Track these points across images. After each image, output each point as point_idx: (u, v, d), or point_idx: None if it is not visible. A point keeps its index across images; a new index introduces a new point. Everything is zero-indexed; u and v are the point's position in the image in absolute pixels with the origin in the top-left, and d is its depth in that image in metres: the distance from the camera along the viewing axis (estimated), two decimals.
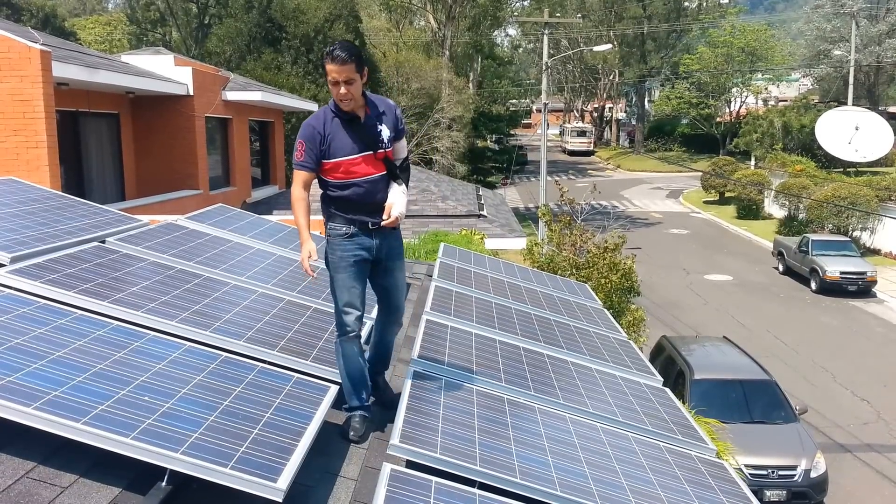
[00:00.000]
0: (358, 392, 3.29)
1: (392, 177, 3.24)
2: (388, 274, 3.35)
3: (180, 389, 2.85)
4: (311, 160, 3.15)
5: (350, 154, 3.14)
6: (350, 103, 3.10)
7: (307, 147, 3.14)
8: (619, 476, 3.18)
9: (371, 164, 3.17)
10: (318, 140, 3.13)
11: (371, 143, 3.16)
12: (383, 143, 3.18)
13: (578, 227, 12.99)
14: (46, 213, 4.77)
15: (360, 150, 3.14)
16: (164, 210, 10.81)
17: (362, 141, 3.14)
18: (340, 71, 3.01)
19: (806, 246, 21.26)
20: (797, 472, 9.29)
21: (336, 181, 3.17)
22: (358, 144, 3.14)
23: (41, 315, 3.12)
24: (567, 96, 67.27)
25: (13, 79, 9.08)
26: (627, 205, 35.59)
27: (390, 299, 3.42)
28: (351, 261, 3.20)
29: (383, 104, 3.26)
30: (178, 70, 13.71)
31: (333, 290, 3.25)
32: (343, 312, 3.21)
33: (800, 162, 31.24)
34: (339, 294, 3.22)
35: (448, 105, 31.28)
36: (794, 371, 14.15)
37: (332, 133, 3.13)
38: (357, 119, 3.16)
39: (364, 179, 3.17)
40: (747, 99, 48.45)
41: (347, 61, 3.00)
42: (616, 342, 5.41)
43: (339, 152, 3.13)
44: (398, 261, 3.37)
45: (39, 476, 2.38)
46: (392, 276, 3.37)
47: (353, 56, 3.01)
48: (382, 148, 3.18)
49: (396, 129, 3.25)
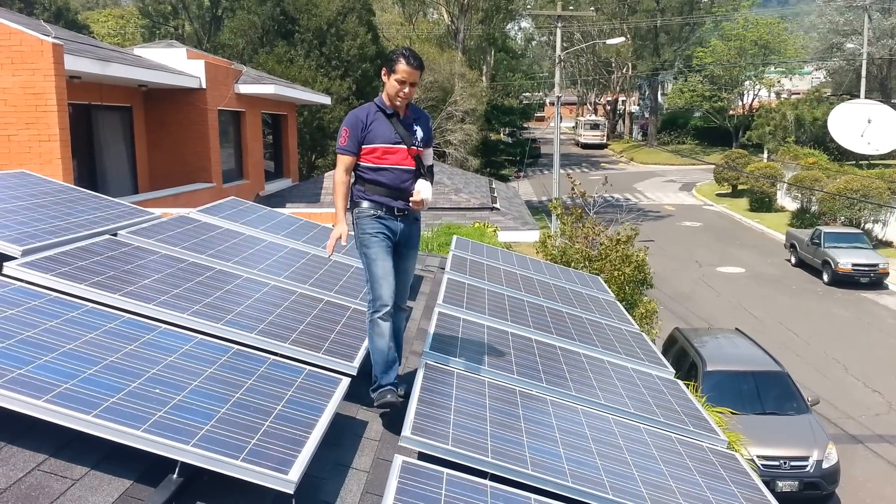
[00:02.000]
0: (387, 371, 3.39)
1: (419, 174, 3.53)
2: (402, 259, 3.56)
3: (191, 382, 2.85)
4: (353, 145, 3.44)
5: (387, 142, 3.44)
6: (405, 102, 3.47)
7: (350, 133, 3.44)
8: (631, 467, 3.16)
9: (404, 156, 3.46)
10: (360, 127, 3.44)
11: (407, 137, 3.46)
12: (417, 141, 3.49)
13: (591, 219, 12.93)
14: (58, 207, 4.79)
15: (397, 141, 3.45)
16: (176, 203, 10.85)
17: (400, 134, 3.46)
18: (412, 74, 3.41)
19: (818, 238, 21.11)
20: (809, 463, 9.25)
21: (372, 165, 3.44)
22: (395, 136, 3.45)
23: (52, 308, 3.13)
24: (580, 89, 66.93)
25: (25, 72, 9.12)
26: (640, 197, 35.41)
27: (399, 283, 3.54)
28: (376, 239, 3.44)
29: (420, 112, 3.63)
30: (191, 63, 13.73)
31: (367, 265, 3.45)
32: (378, 285, 3.40)
33: (812, 154, 30.95)
34: (373, 268, 3.42)
35: (461, 98, 31.18)
36: (807, 363, 14.06)
37: (373, 122, 3.45)
38: (398, 115, 3.49)
39: (397, 167, 3.45)
40: (760, 92, 47.97)
41: (420, 68, 3.44)
42: (628, 334, 5.38)
43: (379, 139, 3.43)
44: (413, 249, 3.62)
45: (50, 468, 2.39)
46: (405, 261, 3.59)
47: (422, 65, 3.47)
48: (416, 145, 3.48)
49: (428, 135, 3.58)
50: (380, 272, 3.40)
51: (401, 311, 3.61)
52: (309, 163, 24.12)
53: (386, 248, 3.45)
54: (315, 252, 5.35)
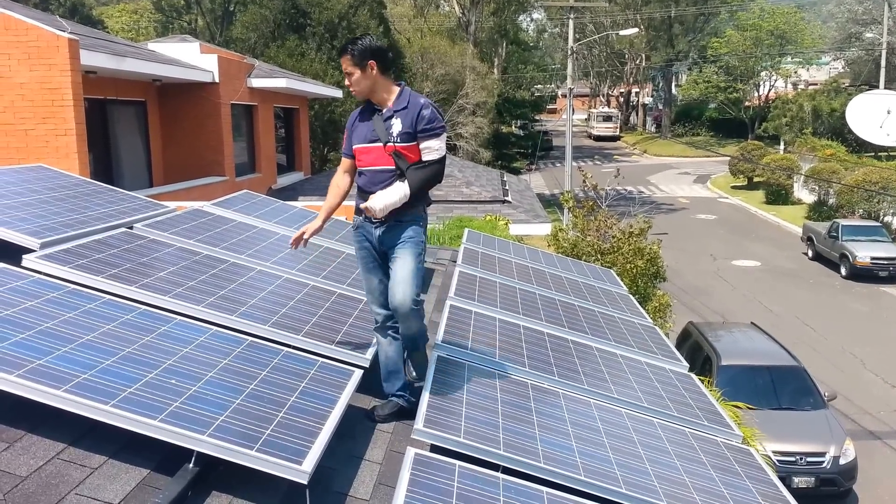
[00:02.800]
0: (389, 382, 3.38)
1: (402, 174, 3.17)
2: (390, 262, 3.26)
3: (207, 373, 2.88)
4: (346, 146, 3.34)
5: (363, 142, 3.24)
6: (358, 93, 3.23)
7: (346, 134, 3.34)
8: (644, 461, 3.16)
9: (379, 155, 3.19)
10: (350, 127, 3.32)
11: (383, 133, 3.18)
12: (392, 136, 3.16)
13: (603, 212, 12.88)
14: (75, 200, 4.84)
15: (372, 139, 3.20)
16: (190, 196, 10.92)
17: (375, 131, 3.20)
18: (343, 63, 3.19)
19: (836, 231, 20.90)
20: (826, 458, 9.19)
21: (358, 168, 3.30)
22: (370, 133, 3.22)
23: (70, 299, 3.17)
24: (593, 81, 66.54)
25: (42, 67, 9.20)
26: (654, 190, 35.21)
27: (391, 285, 3.24)
28: (360, 253, 3.33)
29: (409, 101, 3.21)
30: (204, 58, 13.79)
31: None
32: (368, 301, 3.40)
33: (830, 146, 30.63)
34: (364, 283, 3.37)
35: (472, 91, 31.11)
36: (823, 357, 13.96)
37: (358, 121, 3.29)
38: (378, 111, 3.24)
39: (369, 169, 3.23)
40: (776, 83, 47.51)
41: (343, 53, 3.18)
42: (641, 328, 5.37)
43: (356, 139, 3.27)
44: (400, 250, 3.22)
45: (70, 457, 2.43)
46: (394, 264, 3.23)
47: (349, 50, 3.15)
48: (391, 141, 3.16)
49: (414, 126, 3.16)
50: (365, 288, 3.37)
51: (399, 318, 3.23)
52: (321, 156, 24.18)
53: (368, 262, 3.29)
54: (327, 245, 5.38)
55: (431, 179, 3.25)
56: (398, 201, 3.15)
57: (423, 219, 3.32)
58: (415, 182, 3.17)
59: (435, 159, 3.22)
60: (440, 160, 3.24)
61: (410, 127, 3.17)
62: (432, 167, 3.22)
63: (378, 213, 3.13)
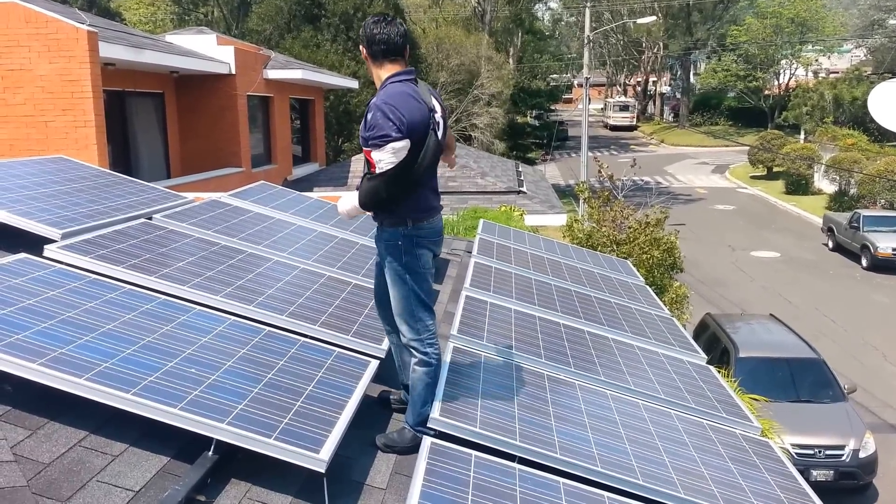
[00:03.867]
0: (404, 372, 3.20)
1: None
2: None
3: (225, 362, 2.91)
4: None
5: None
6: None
7: None
8: (662, 453, 3.15)
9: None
10: None
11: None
12: (361, 139, 2.79)
13: (619, 202, 12.80)
14: (95, 191, 4.89)
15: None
16: (207, 187, 10.99)
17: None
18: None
19: (857, 222, 20.64)
20: (845, 452, 9.10)
21: None
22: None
23: (91, 289, 3.21)
24: (609, 70, 65.98)
25: (62, 59, 9.28)
26: (671, 180, 34.93)
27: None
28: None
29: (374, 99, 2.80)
30: (221, 49, 13.85)
31: None
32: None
33: (851, 135, 30.20)
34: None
35: (487, 81, 30.97)
36: (844, 350, 13.81)
37: None
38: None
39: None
40: (797, 71, 46.84)
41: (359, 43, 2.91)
42: (658, 319, 5.34)
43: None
44: (382, 266, 3.00)
45: (91, 445, 2.46)
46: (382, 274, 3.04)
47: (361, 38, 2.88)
48: (363, 145, 2.78)
49: (365, 131, 2.74)
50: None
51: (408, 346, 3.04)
52: (336, 147, 24.23)
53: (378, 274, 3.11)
54: (343, 236, 5.39)
55: (372, 195, 2.79)
56: (352, 210, 2.90)
57: (400, 236, 2.87)
58: (360, 194, 2.84)
59: (374, 173, 2.75)
60: (381, 175, 2.73)
61: (363, 130, 2.77)
62: (372, 182, 2.77)
63: (343, 216, 2.97)
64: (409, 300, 2.93)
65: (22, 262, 3.27)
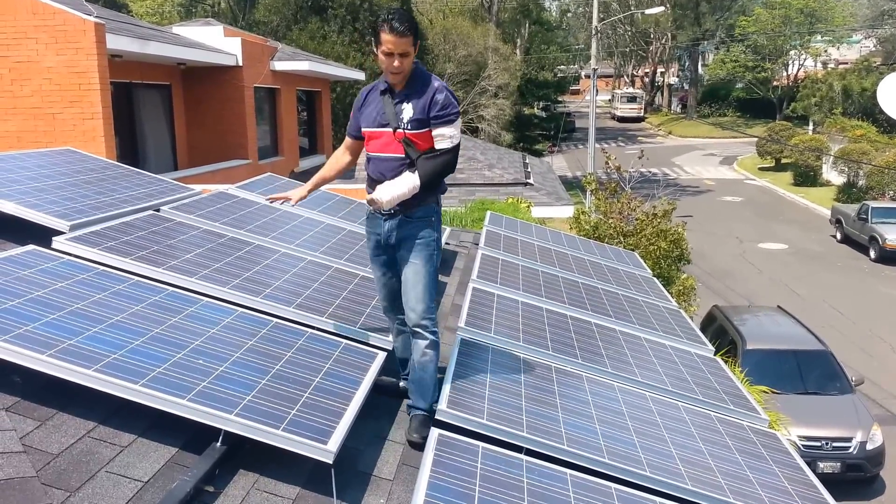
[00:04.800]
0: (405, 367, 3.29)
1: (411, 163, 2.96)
2: (399, 265, 3.06)
3: (233, 353, 2.92)
4: (352, 126, 3.18)
5: (371, 125, 3.03)
6: (400, 77, 2.96)
7: (352, 113, 3.17)
8: (669, 445, 3.15)
9: (388, 141, 2.97)
10: (357, 107, 3.12)
11: (393, 118, 2.96)
12: (402, 122, 2.93)
13: (626, 194, 12.77)
14: (103, 183, 4.90)
15: (381, 123, 2.99)
16: (214, 179, 11.01)
17: (385, 115, 2.98)
18: (399, 43, 2.86)
19: (865, 213, 20.54)
20: (852, 444, 9.08)
21: (366, 153, 3.14)
22: (380, 117, 2.99)
23: (100, 281, 3.22)
24: (617, 61, 65.66)
25: (69, 51, 9.29)
26: (679, 172, 34.79)
27: (403, 292, 3.05)
28: (368, 243, 3.17)
29: (422, 83, 2.98)
30: (228, 41, 13.84)
31: None
32: (382, 306, 3.29)
33: (860, 127, 29.98)
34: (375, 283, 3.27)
35: (494, 72, 30.87)
36: (851, 342, 13.76)
37: (368, 102, 3.08)
38: (391, 92, 3.01)
39: (377, 155, 3.02)
40: (806, 62, 46.47)
41: (406, 34, 2.85)
42: (666, 311, 5.33)
43: (365, 122, 3.07)
44: (410, 253, 3.01)
45: (100, 435, 2.47)
46: (403, 269, 3.03)
47: (412, 29, 2.88)
48: (402, 127, 2.93)
49: (425, 113, 2.93)
50: (377, 286, 3.24)
51: (414, 333, 3.03)
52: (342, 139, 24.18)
53: (374, 254, 3.14)
54: (350, 228, 5.39)
55: (443, 170, 2.99)
56: (407, 193, 2.93)
57: (436, 212, 3.08)
58: (425, 173, 2.94)
59: (448, 148, 2.97)
60: (454, 149, 2.99)
61: (422, 113, 2.94)
62: (444, 157, 2.97)
63: (385, 206, 2.93)
64: (433, 277, 3.05)
65: (31, 254, 3.28)
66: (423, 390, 3.04)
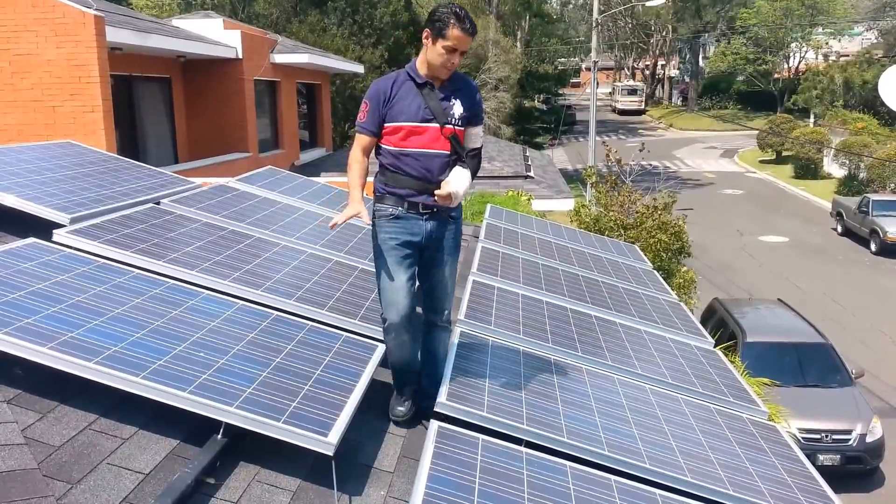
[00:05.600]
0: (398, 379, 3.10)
1: (458, 160, 2.92)
2: (435, 266, 2.98)
3: (234, 346, 2.92)
4: (373, 122, 2.89)
5: (413, 120, 2.85)
6: (449, 74, 2.90)
7: (371, 108, 2.88)
8: (668, 437, 3.15)
9: (434, 137, 2.86)
10: (382, 100, 2.87)
11: (440, 114, 2.85)
12: (453, 118, 2.87)
13: (626, 187, 12.76)
14: (103, 176, 4.90)
15: (426, 118, 2.85)
16: (214, 172, 10.99)
17: (431, 109, 2.86)
18: (465, 41, 2.80)
19: (866, 206, 20.52)
20: (852, 436, 9.10)
21: (393, 148, 2.88)
22: (424, 111, 2.86)
23: (100, 274, 3.22)
24: (618, 54, 65.52)
25: (69, 44, 9.27)
26: (679, 165, 34.75)
27: (433, 296, 3.03)
28: (393, 244, 2.89)
29: (463, 81, 2.99)
30: (228, 34, 13.81)
31: (376, 275, 2.99)
32: (384, 299, 2.95)
33: (861, 119, 29.92)
34: (381, 285, 2.95)
35: (495, 65, 30.79)
36: (852, 335, 13.77)
37: (399, 95, 2.88)
38: (431, 86, 2.89)
39: (422, 152, 2.86)
40: (807, 54, 46.37)
41: (475, 33, 2.84)
42: (666, 304, 5.33)
43: (402, 115, 2.86)
44: (448, 254, 2.98)
45: (101, 428, 2.48)
46: (440, 270, 2.98)
47: (476, 29, 2.90)
48: (451, 123, 2.87)
49: (472, 110, 2.94)
50: (387, 285, 2.91)
51: (437, 330, 3.10)
52: (342, 132, 24.18)
53: (402, 258, 2.89)
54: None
55: (479, 168, 3.05)
56: (468, 189, 2.92)
57: (461, 209, 3.08)
58: (474, 170, 2.96)
59: (480, 147, 3.03)
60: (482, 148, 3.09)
61: (469, 110, 2.92)
62: (480, 155, 3.05)
63: (455, 201, 2.84)
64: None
65: (31, 247, 3.28)
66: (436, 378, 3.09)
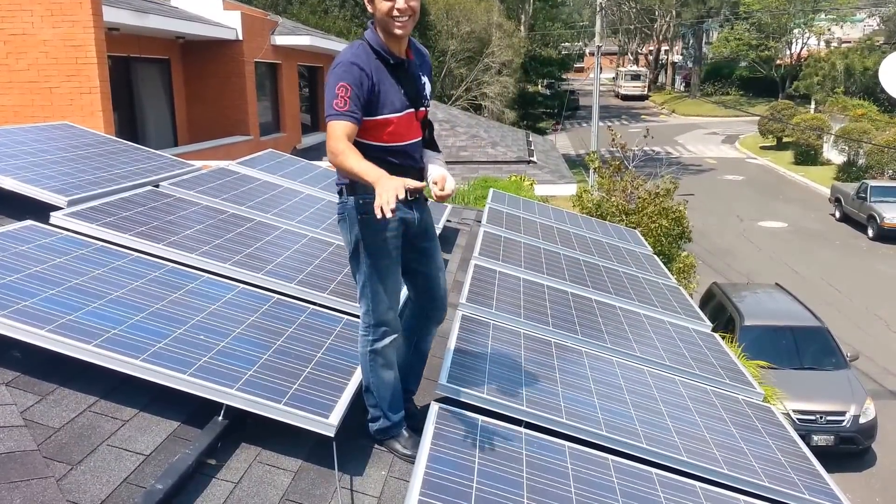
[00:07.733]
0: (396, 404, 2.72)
1: (427, 143, 2.60)
2: (428, 257, 2.65)
3: (234, 329, 2.92)
4: (359, 108, 2.34)
5: (399, 110, 2.45)
6: (410, 27, 2.39)
7: (353, 94, 2.32)
8: (665, 418, 3.17)
9: (413, 123, 2.52)
10: (367, 86, 2.36)
11: (415, 97, 2.48)
12: (426, 98, 2.54)
13: (629, 172, 12.74)
14: (101, 158, 4.88)
15: (406, 105, 2.47)
16: (215, 155, 10.96)
17: (408, 94, 2.46)
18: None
19: (864, 192, 20.53)
20: (846, 417, 9.21)
21: (379, 144, 2.45)
22: (403, 98, 2.46)
23: (99, 256, 3.22)
24: (621, 39, 65.08)
25: (65, 24, 9.18)
26: (681, 150, 34.65)
27: (434, 289, 2.69)
28: (390, 236, 2.49)
29: (422, 52, 2.59)
30: (227, 14, 13.69)
31: (368, 278, 2.51)
32: (382, 305, 2.54)
33: (861, 106, 29.80)
34: (377, 282, 2.52)
35: (498, 49, 30.62)
36: (848, 318, 13.82)
37: (379, 80, 2.39)
38: (403, 65, 2.46)
39: (410, 144, 2.51)
40: (809, 40, 46.08)
41: None
42: (665, 288, 5.34)
43: (389, 107, 2.42)
44: (433, 243, 2.68)
45: (101, 410, 2.49)
46: (434, 259, 2.67)
47: None
48: (425, 105, 2.53)
49: (431, 80, 2.61)
50: (388, 288, 2.53)
51: (432, 325, 2.81)
52: None
53: (397, 254, 2.54)
54: None
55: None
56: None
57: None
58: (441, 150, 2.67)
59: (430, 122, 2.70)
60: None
61: (432, 83, 2.61)
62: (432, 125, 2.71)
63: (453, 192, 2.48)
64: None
65: (28, 230, 3.28)
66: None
